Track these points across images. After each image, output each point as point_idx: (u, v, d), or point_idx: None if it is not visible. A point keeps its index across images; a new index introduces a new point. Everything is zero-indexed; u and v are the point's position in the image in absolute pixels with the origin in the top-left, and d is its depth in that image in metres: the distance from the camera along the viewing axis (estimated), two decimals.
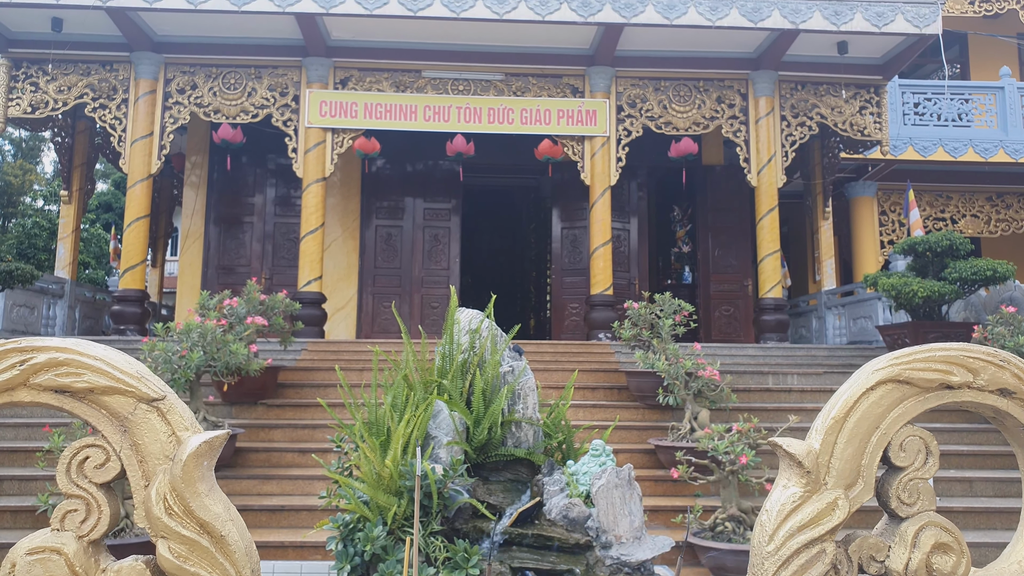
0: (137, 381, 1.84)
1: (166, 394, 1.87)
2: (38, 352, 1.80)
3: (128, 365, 1.86)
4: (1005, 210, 13.99)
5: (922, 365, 1.98)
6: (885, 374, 1.98)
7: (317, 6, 9.51)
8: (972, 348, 2.01)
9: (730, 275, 12.87)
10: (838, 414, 1.97)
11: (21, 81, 10.37)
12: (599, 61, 10.69)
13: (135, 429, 1.83)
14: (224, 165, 11.68)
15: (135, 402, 1.83)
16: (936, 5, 10.00)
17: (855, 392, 1.98)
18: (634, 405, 8.00)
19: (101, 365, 1.82)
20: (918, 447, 2.02)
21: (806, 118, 11.05)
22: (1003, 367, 2.00)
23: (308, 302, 10.03)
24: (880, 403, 1.98)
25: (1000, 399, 2.01)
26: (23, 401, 1.83)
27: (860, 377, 2.01)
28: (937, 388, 2.00)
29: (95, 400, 1.83)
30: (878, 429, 1.97)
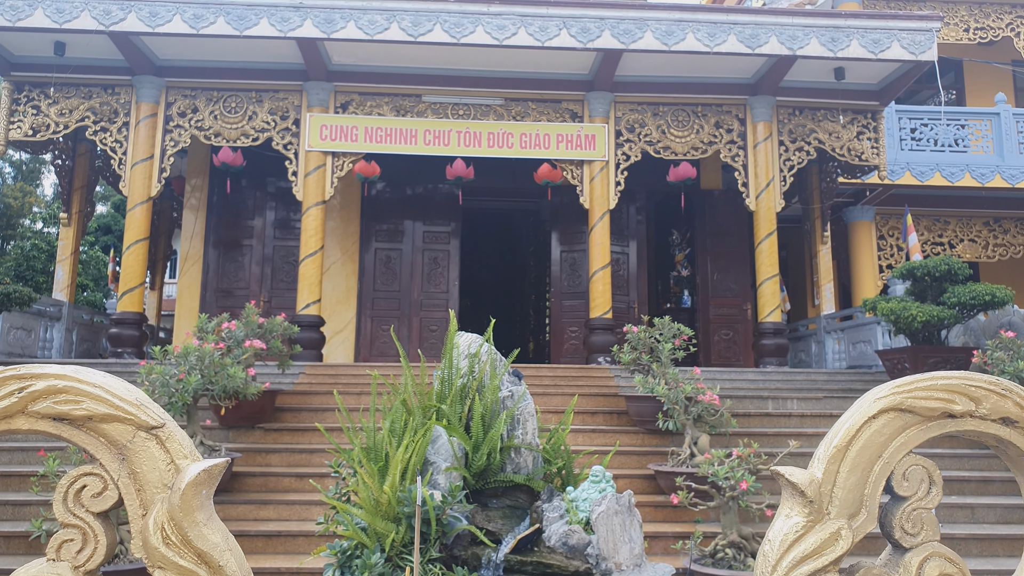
0: (136, 409, 1.83)
1: (165, 422, 1.86)
2: (37, 379, 1.79)
3: (127, 392, 1.85)
4: (1003, 235, 14.04)
5: (924, 394, 1.98)
6: (887, 403, 1.97)
7: (318, 31, 9.60)
8: (974, 377, 2.01)
9: (729, 299, 12.87)
10: (840, 443, 1.96)
11: (23, 104, 10.43)
12: (598, 86, 10.77)
13: (134, 457, 1.82)
14: (224, 188, 11.71)
15: (134, 430, 1.82)
16: (931, 32, 10.10)
17: (857, 421, 1.98)
18: (634, 430, 7.96)
19: (100, 392, 1.81)
20: (921, 476, 2.01)
21: (804, 143, 11.12)
22: (1005, 396, 1.99)
23: (306, 325, 10.01)
24: (882, 432, 1.97)
25: (1003, 428, 2.00)
26: (20, 429, 1.82)
27: (862, 406, 2.00)
28: (939, 417, 1.99)
29: (93, 428, 1.82)
30: (881, 458, 1.96)
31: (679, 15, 9.94)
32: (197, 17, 9.51)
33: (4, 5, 9.35)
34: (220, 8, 9.53)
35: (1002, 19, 14.60)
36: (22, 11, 9.36)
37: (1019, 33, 14.60)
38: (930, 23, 10.10)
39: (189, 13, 9.49)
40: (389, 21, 9.67)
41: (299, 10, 9.59)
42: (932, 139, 13.34)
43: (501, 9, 9.75)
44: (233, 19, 9.54)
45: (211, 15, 9.52)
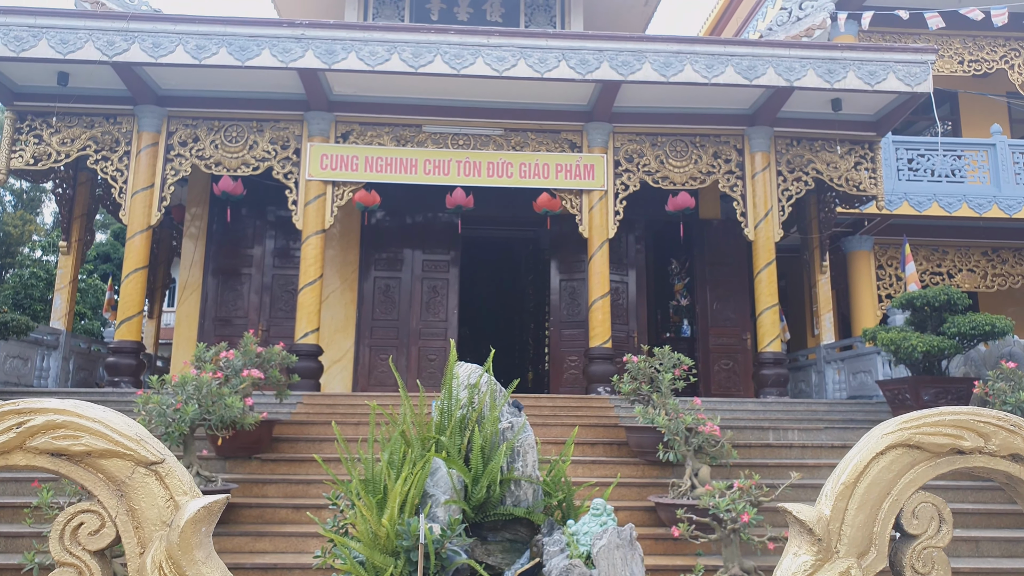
0: (136, 444, 1.80)
1: (165, 457, 1.83)
2: (36, 414, 1.77)
3: (127, 427, 1.83)
4: (1001, 265, 14.06)
5: (932, 429, 1.96)
6: (895, 438, 1.95)
7: (320, 62, 9.68)
8: (982, 412, 1.99)
9: (729, 328, 12.85)
10: (848, 479, 1.94)
11: (25, 133, 10.47)
12: (597, 117, 10.85)
13: (132, 494, 1.79)
14: (224, 217, 11.74)
15: (133, 465, 1.79)
16: (926, 64, 10.21)
17: (865, 457, 1.95)
18: (634, 461, 7.90)
19: (100, 427, 1.78)
20: (931, 514, 1.98)
21: (802, 173, 11.18)
22: (1014, 432, 1.97)
23: (305, 354, 9.97)
24: (891, 468, 1.94)
25: (1012, 465, 1.98)
26: (18, 465, 1.79)
27: (869, 441, 1.98)
28: (948, 453, 1.97)
29: (92, 464, 1.79)
30: (890, 495, 1.94)
31: (677, 47, 10.04)
32: (199, 48, 9.59)
33: (9, 36, 9.43)
34: (222, 39, 9.62)
35: (996, 52, 14.76)
36: (26, 42, 9.44)
37: (1013, 65, 14.74)
38: (925, 55, 10.21)
39: (192, 44, 9.57)
40: (390, 52, 9.75)
41: (301, 41, 9.68)
42: (929, 169, 13.41)
43: (501, 41, 9.85)
44: (235, 50, 9.62)
45: (213, 46, 9.61)
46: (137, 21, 9.57)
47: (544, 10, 13.84)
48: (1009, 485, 2.06)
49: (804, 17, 11.56)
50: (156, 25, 9.58)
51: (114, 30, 9.50)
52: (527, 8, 13.84)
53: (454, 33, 9.88)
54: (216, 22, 9.68)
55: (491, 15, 13.74)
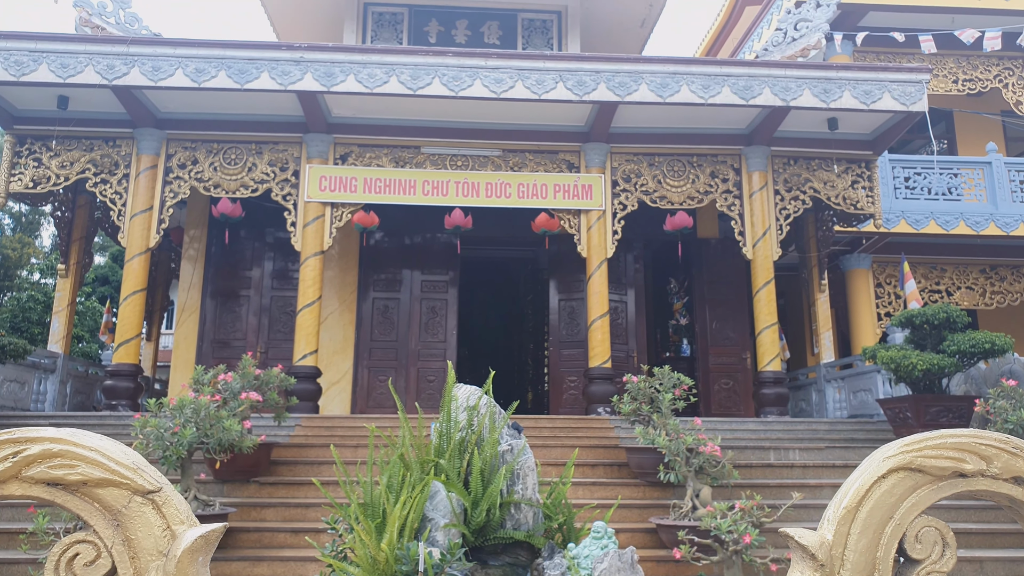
0: (133, 472, 1.79)
1: (162, 486, 1.82)
2: (32, 443, 1.76)
3: (124, 456, 1.81)
4: (999, 282, 14.08)
5: (934, 452, 1.94)
6: (896, 462, 1.94)
7: (319, 84, 9.73)
8: (983, 435, 1.98)
9: (729, 348, 12.83)
10: (850, 503, 1.92)
11: (24, 157, 10.51)
12: (594, 137, 10.89)
13: (128, 523, 1.77)
14: (222, 238, 11.75)
15: (130, 495, 1.78)
16: (921, 84, 10.27)
17: (867, 481, 1.94)
18: (635, 482, 7.85)
19: (96, 456, 1.77)
20: (935, 539, 1.96)
21: (799, 192, 11.22)
22: (1016, 455, 1.96)
23: (303, 376, 9.94)
24: (893, 492, 1.93)
25: (1015, 488, 1.96)
26: (13, 495, 1.77)
27: (871, 465, 1.97)
28: (950, 476, 1.95)
29: (88, 493, 1.77)
30: (892, 519, 1.92)
31: (673, 68, 10.10)
32: (199, 71, 9.64)
33: (9, 60, 9.49)
34: (221, 62, 9.67)
35: (990, 71, 14.87)
36: (27, 66, 9.49)
37: (1007, 84, 14.85)
38: (919, 75, 10.28)
39: (191, 67, 9.63)
40: (388, 75, 9.81)
41: (299, 64, 9.74)
42: (926, 188, 13.47)
43: (499, 63, 9.92)
44: (234, 73, 9.68)
45: (213, 69, 9.66)
46: (137, 45, 9.63)
47: (541, 32, 13.95)
48: (1012, 508, 2.04)
49: (799, 38, 11.65)
50: (156, 49, 9.65)
51: (114, 54, 9.56)
52: (524, 30, 13.95)
53: (452, 55, 9.95)
54: (215, 45, 9.75)
55: (489, 37, 13.84)
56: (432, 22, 13.81)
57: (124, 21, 11.19)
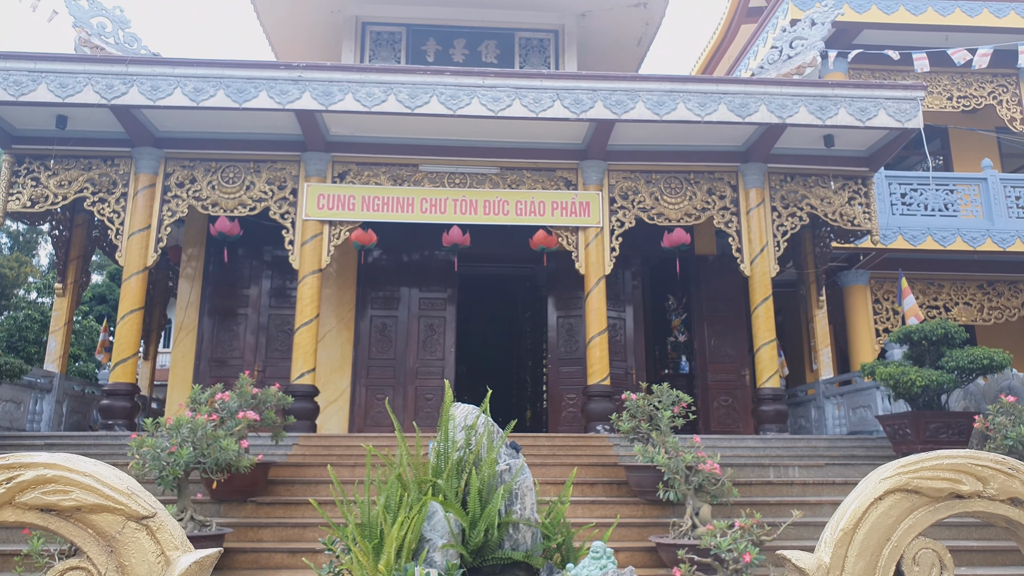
0: (127, 498, 1.78)
1: (156, 511, 1.81)
2: (26, 469, 1.75)
3: (118, 481, 1.80)
4: (997, 298, 14.09)
5: (930, 474, 1.94)
6: (893, 483, 1.93)
7: (317, 103, 9.77)
8: (980, 456, 1.98)
9: (727, 364, 12.82)
10: (847, 525, 1.92)
11: (22, 176, 10.52)
12: (591, 155, 10.93)
13: (123, 549, 1.76)
14: (220, 257, 11.76)
15: (124, 520, 1.77)
16: (916, 101, 10.33)
17: (863, 502, 1.93)
18: (634, 501, 7.82)
19: (90, 482, 1.76)
20: (932, 560, 1.95)
21: (796, 209, 11.25)
22: (1012, 476, 1.96)
23: (301, 395, 9.92)
24: (889, 514, 1.92)
25: (1012, 509, 1.96)
26: (7, 521, 1.76)
27: (868, 486, 1.96)
28: (947, 498, 1.95)
29: (82, 519, 1.76)
30: (889, 541, 1.91)
31: (670, 86, 10.16)
32: (197, 90, 9.69)
33: (8, 80, 9.53)
34: (220, 81, 9.72)
35: (984, 88, 14.97)
36: (26, 86, 9.53)
37: (1001, 101, 14.94)
38: (914, 92, 10.34)
39: (190, 86, 9.67)
40: (387, 93, 9.86)
41: (298, 83, 9.78)
42: (922, 204, 13.51)
43: (496, 82, 9.97)
44: (233, 92, 9.72)
45: (211, 88, 9.71)
46: (136, 65, 9.68)
47: (538, 51, 14.04)
48: (1009, 529, 2.03)
49: (795, 55, 11.72)
50: (155, 68, 9.69)
51: (113, 74, 9.60)
52: (522, 49, 14.04)
53: (450, 74, 10.00)
54: (214, 65, 9.79)
55: (486, 56, 13.92)
56: (430, 41, 13.90)
57: (123, 41, 11.24)
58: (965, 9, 14.40)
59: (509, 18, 13.94)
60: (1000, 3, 14.49)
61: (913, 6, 14.33)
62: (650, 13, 13.86)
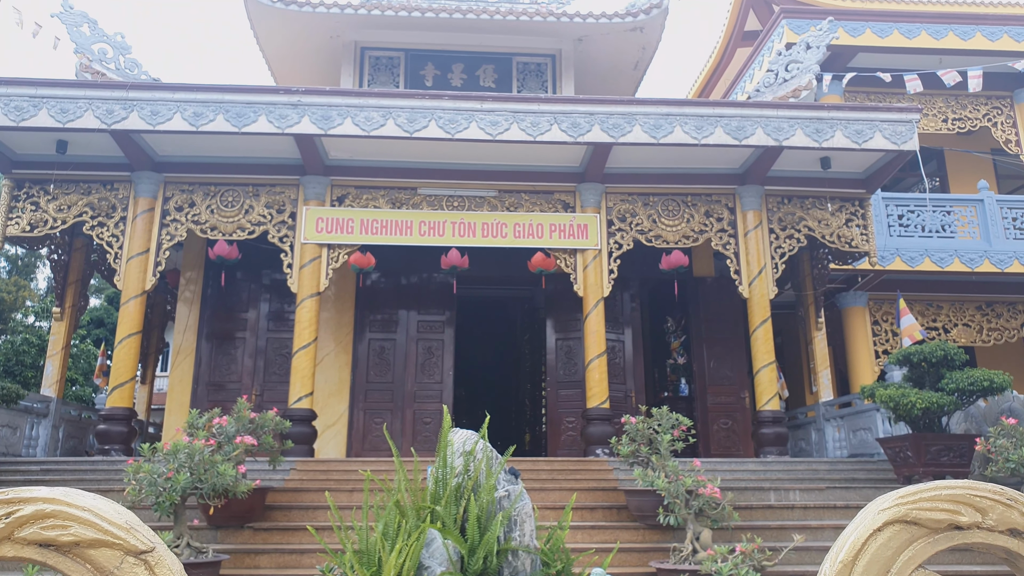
0: (126, 533, 1.77)
1: (155, 545, 1.80)
2: (25, 504, 1.74)
3: (117, 515, 1.80)
4: (996, 319, 14.09)
5: (929, 505, 1.94)
6: (892, 514, 1.93)
7: (316, 127, 9.83)
8: (978, 486, 1.97)
9: (727, 387, 12.79)
10: (846, 558, 1.91)
11: (22, 200, 10.55)
12: (589, 178, 10.99)
13: None
14: (219, 280, 11.76)
15: (122, 555, 1.76)
16: (911, 123, 10.41)
17: (862, 534, 1.93)
18: (634, 525, 7.77)
19: (89, 516, 1.76)
20: None
21: (794, 230, 11.28)
22: (1011, 506, 1.95)
23: (298, 419, 9.88)
24: (889, 545, 1.92)
25: (1011, 540, 1.95)
26: (5, 556, 1.76)
27: (866, 517, 1.96)
28: (946, 529, 1.94)
29: (80, 554, 1.75)
30: (889, 573, 1.91)
31: (667, 109, 10.23)
32: (197, 115, 9.75)
33: (9, 106, 9.59)
34: (219, 106, 9.78)
35: (978, 110, 15.08)
36: (27, 111, 9.59)
37: (996, 123, 15.05)
38: (910, 115, 10.42)
39: (189, 111, 9.73)
40: (385, 118, 9.92)
41: (297, 107, 9.85)
42: (920, 225, 13.56)
43: (494, 106, 10.04)
44: (232, 116, 9.78)
45: (211, 113, 9.77)
46: (136, 90, 9.75)
47: (536, 75, 14.15)
48: (1009, 560, 2.03)
49: (790, 79, 11.83)
50: (155, 94, 9.76)
51: (113, 99, 9.67)
52: (519, 73, 14.15)
53: (448, 99, 10.07)
54: (213, 90, 9.86)
55: (484, 80, 14.03)
56: (428, 66, 14.01)
57: (124, 67, 11.34)
58: (958, 33, 14.55)
59: (507, 43, 14.06)
60: (993, 26, 14.65)
61: (907, 30, 14.48)
62: (646, 38, 13.98)
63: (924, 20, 14.57)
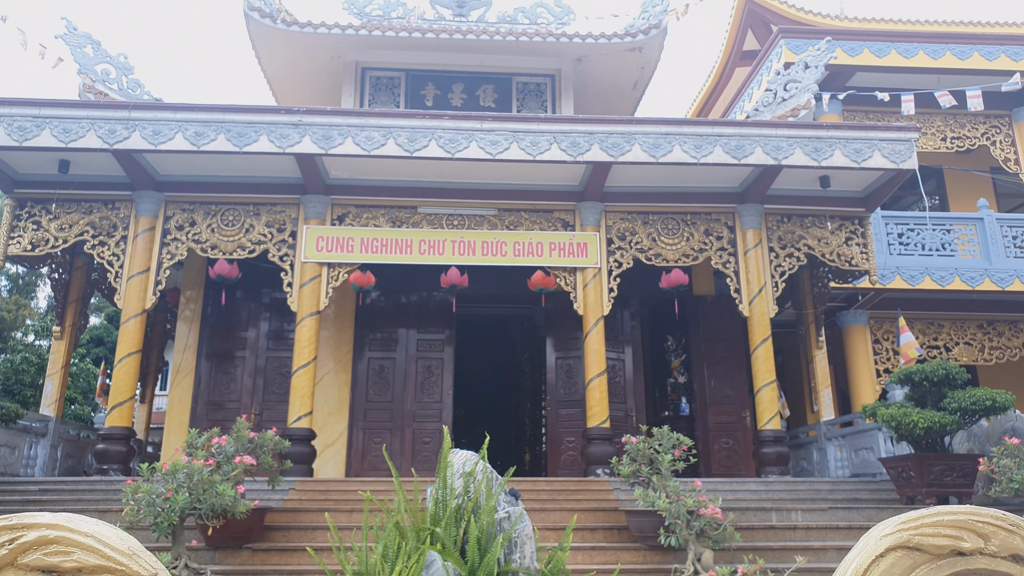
0: (128, 559, 1.76)
1: (157, 571, 1.79)
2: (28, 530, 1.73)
3: (120, 541, 1.79)
4: (997, 338, 14.07)
5: (931, 531, 1.92)
6: (894, 540, 1.92)
7: (317, 147, 9.87)
8: (980, 512, 1.96)
9: (727, 406, 12.75)
10: None
11: (24, 220, 10.57)
12: (589, 196, 11.02)
13: None
14: (219, 299, 11.76)
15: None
16: (910, 142, 10.45)
17: (864, 560, 1.91)
18: (635, 546, 7.72)
19: (92, 543, 1.74)
20: None
21: (794, 249, 11.29)
22: (1013, 532, 1.94)
23: (297, 439, 9.85)
24: (891, 572, 1.90)
25: (1014, 566, 1.94)
26: None
27: (868, 543, 1.95)
28: (949, 555, 1.93)
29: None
30: None
31: (666, 128, 10.28)
32: (198, 135, 9.79)
33: (13, 126, 9.63)
34: (221, 125, 9.83)
35: (977, 129, 15.15)
36: (30, 131, 9.63)
37: (995, 142, 15.11)
38: (908, 133, 10.46)
39: (191, 131, 9.78)
40: (386, 137, 9.97)
41: (298, 127, 9.89)
42: (920, 243, 13.57)
43: (494, 126, 10.09)
44: (233, 136, 9.82)
45: (212, 132, 9.81)
46: (139, 110, 9.80)
47: (536, 95, 14.23)
48: None
49: (789, 98, 11.90)
50: (157, 114, 9.81)
51: (116, 119, 9.72)
52: (519, 93, 14.23)
53: (448, 118, 10.12)
54: (215, 110, 9.91)
55: (484, 100, 14.11)
56: (428, 86, 14.09)
57: (127, 87, 11.42)
58: (956, 52, 14.64)
59: (507, 63, 14.15)
60: (990, 46, 14.74)
61: (904, 49, 14.58)
62: (645, 58, 14.07)
63: (921, 40, 14.67)
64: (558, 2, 14.66)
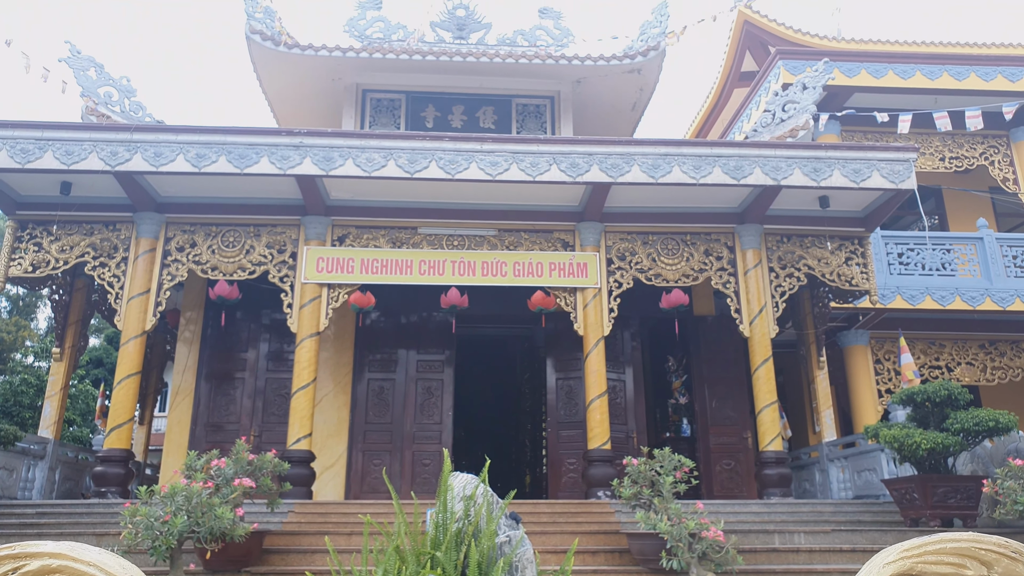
0: None
1: None
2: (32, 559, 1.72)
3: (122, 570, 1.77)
4: (999, 358, 14.02)
5: (934, 558, 1.90)
6: (896, 568, 1.89)
7: (317, 168, 9.90)
8: (983, 539, 1.94)
9: (729, 427, 12.68)
10: None
11: (25, 241, 10.59)
12: (588, 217, 11.03)
13: None
14: (219, 320, 11.74)
15: None
16: (909, 162, 10.47)
17: None
18: (636, 569, 7.64)
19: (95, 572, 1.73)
20: None
21: (794, 269, 11.28)
22: (1016, 559, 1.91)
23: (297, 461, 9.79)
24: None
25: None
26: None
27: (871, 570, 1.92)
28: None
29: None
30: None
31: (665, 149, 10.30)
32: (200, 156, 9.82)
33: (15, 148, 9.66)
34: (222, 147, 9.86)
35: (975, 149, 15.19)
36: (32, 153, 9.66)
37: (993, 162, 15.15)
38: (907, 154, 10.48)
39: (192, 152, 9.81)
40: (386, 159, 10.00)
41: (299, 149, 9.93)
42: (920, 263, 13.56)
43: (494, 147, 10.12)
44: (234, 158, 9.85)
45: (213, 154, 9.84)
46: (141, 132, 9.84)
47: (535, 116, 14.29)
48: None
49: (788, 118, 11.95)
50: (158, 136, 9.85)
51: (118, 141, 9.75)
52: (519, 114, 14.29)
53: (449, 140, 10.16)
54: (216, 132, 9.95)
55: (484, 121, 14.17)
56: (429, 107, 14.16)
57: (129, 109, 11.48)
58: (953, 73, 14.73)
59: (506, 85, 14.23)
60: (987, 67, 14.82)
61: (902, 70, 14.66)
62: (644, 79, 14.15)
63: (919, 61, 14.75)
64: (557, 24, 14.77)
